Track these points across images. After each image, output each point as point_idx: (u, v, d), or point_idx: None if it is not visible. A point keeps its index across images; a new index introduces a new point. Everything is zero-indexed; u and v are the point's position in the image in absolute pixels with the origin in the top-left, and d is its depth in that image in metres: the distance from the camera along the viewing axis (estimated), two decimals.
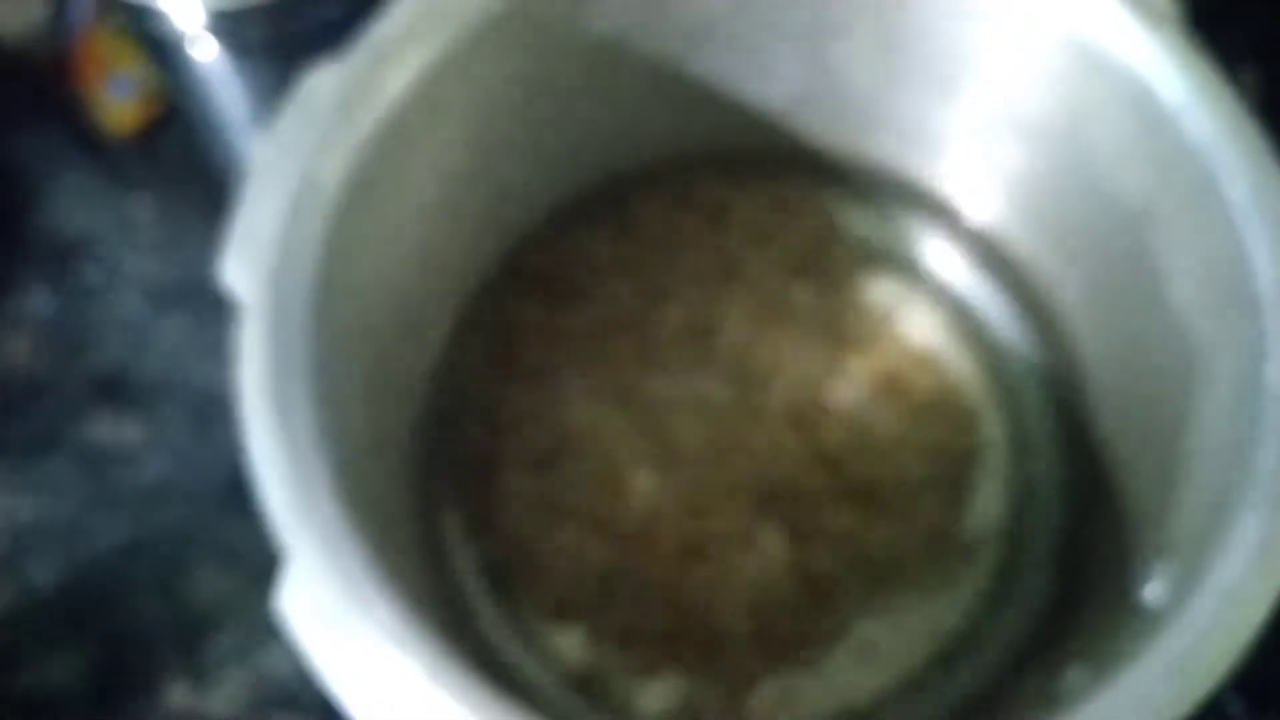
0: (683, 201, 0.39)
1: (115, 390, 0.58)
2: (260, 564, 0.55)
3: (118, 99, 0.59)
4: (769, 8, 0.31)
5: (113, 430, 0.57)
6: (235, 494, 0.56)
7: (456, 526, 0.35)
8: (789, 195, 0.39)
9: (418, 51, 0.27)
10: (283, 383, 0.23)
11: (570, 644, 0.34)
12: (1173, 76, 0.26)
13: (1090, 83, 0.28)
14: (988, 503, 0.35)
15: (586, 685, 0.33)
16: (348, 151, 0.26)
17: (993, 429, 0.36)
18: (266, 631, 0.51)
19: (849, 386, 0.37)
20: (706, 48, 0.33)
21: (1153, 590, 0.24)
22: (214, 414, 0.57)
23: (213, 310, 0.60)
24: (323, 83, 0.26)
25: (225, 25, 0.45)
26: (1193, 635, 0.21)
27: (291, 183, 0.25)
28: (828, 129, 0.36)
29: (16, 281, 0.60)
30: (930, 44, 0.31)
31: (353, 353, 0.27)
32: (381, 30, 0.27)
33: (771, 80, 0.34)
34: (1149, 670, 0.21)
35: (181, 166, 0.63)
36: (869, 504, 0.35)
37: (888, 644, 0.33)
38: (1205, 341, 0.26)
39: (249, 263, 0.24)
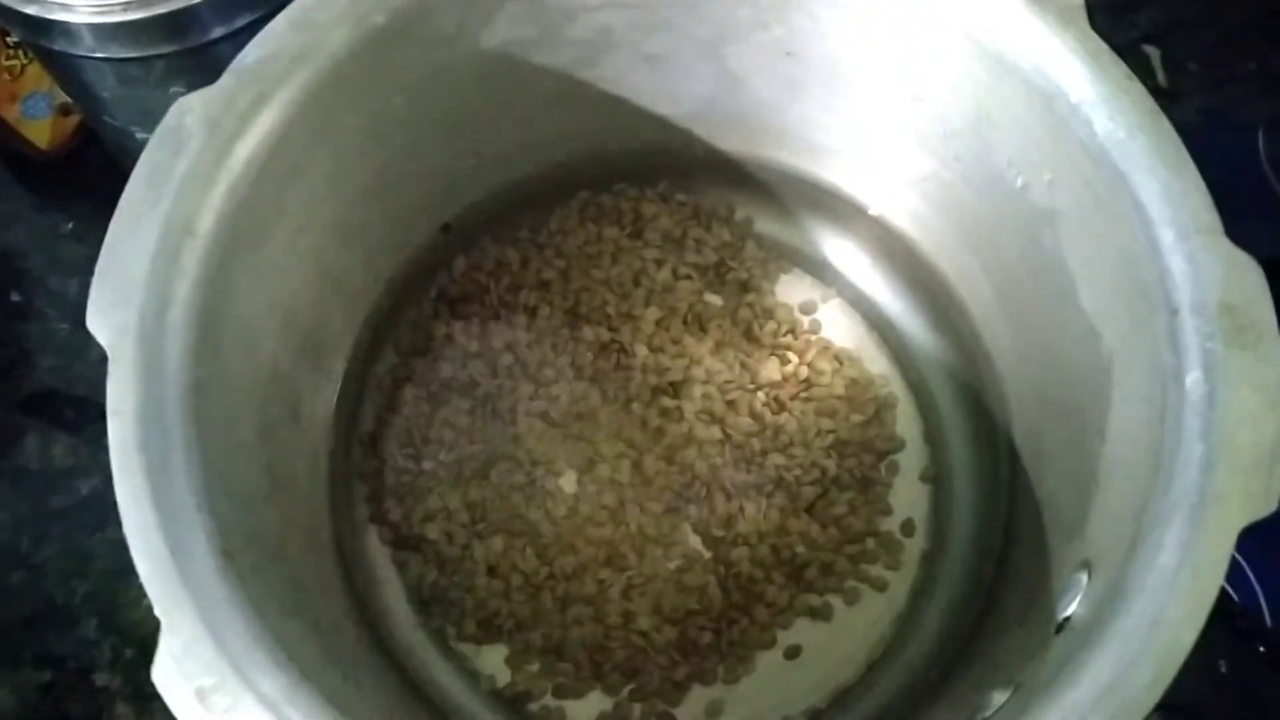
0: (600, 212, 0.36)
1: (44, 411, 0.53)
2: None
3: (32, 117, 0.55)
4: (668, 15, 0.28)
5: (42, 451, 0.53)
6: None
7: (379, 549, 0.32)
8: (702, 204, 0.36)
9: (296, 74, 0.23)
10: (155, 439, 0.20)
11: (495, 664, 0.31)
12: (1081, 74, 0.23)
13: (995, 83, 0.25)
14: (907, 500, 0.33)
15: (515, 706, 0.31)
16: (223, 184, 0.22)
17: (907, 426, 0.34)
18: None
19: (763, 386, 0.34)
20: (608, 57, 0.29)
21: (1075, 608, 0.22)
22: None
23: None
24: (192, 112, 0.22)
25: (122, 36, 0.41)
26: (1122, 662, 0.19)
27: (160, 220, 0.22)
28: (737, 135, 0.33)
29: None
30: (830, 47, 0.28)
31: (243, 392, 0.24)
32: (255, 53, 0.23)
33: (676, 88, 0.31)
34: (1078, 698, 0.19)
35: (103, 183, 0.58)
36: (789, 500, 0.33)
37: (816, 651, 0.31)
38: (1120, 346, 0.24)
39: (114, 308, 0.21)
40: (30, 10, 0.40)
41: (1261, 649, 0.20)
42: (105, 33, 0.41)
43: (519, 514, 0.32)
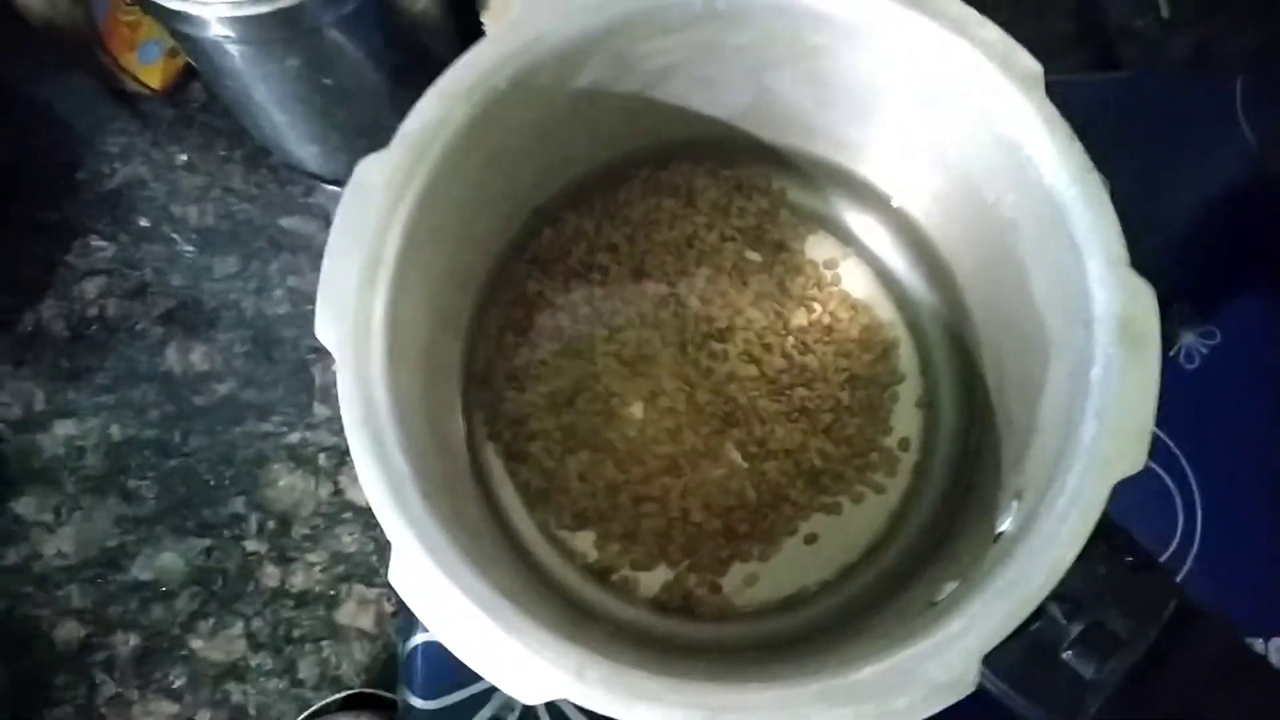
0: (659, 186, 0.44)
1: (180, 323, 0.63)
2: (323, 465, 0.62)
3: (147, 62, 0.62)
4: (719, 53, 0.35)
5: (182, 358, 0.63)
6: (295, 406, 0.63)
7: (497, 462, 0.42)
8: (744, 178, 0.44)
9: (442, 136, 0.32)
10: (372, 418, 0.29)
11: (586, 545, 0.41)
12: (1037, 133, 0.31)
13: (976, 129, 0.33)
14: (904, 422, 0.42)
15: (602, 576, 0.41)
16: (399, 224, 0.31)
17: (907, 363, 0.43)
18: (336, 520, 0.59)
19: (793, 331, 0.43)
20: (668, 83, 0.37)
21: (1008, 525, 0.31)
22: (268, 339, 0.64)
23: (254, 249, 0.65)
24: (372, 173, 0.31)
25: (245, 27, 0.48)
26: (1025, 568, 0.28)
27: (359, 257, 0.30)
28: (774, 131, 0.41)
29: (77, 230, 0.64)
30: (847, 83, 0.36)
31: (413, 367, 0.33)
32: (414, 123, 0.31)
33: (723, 100, 0.39)
34: (1000, 588, 0.28)
35: (208, 116, 0.66)
36: (810, 424, 0.42)
37: (828, 538, 0.41)
38: (1055, 336, 0.32)
39: (335, 325, 0.30)
40: (171, 5, 0.47)
41: (1129, 559, 0.30)
42: (231, 23, 0.48)
43: (599, 434, 0.42)
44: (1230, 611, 0.45)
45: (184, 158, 0.65)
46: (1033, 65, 0.31)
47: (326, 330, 0.30)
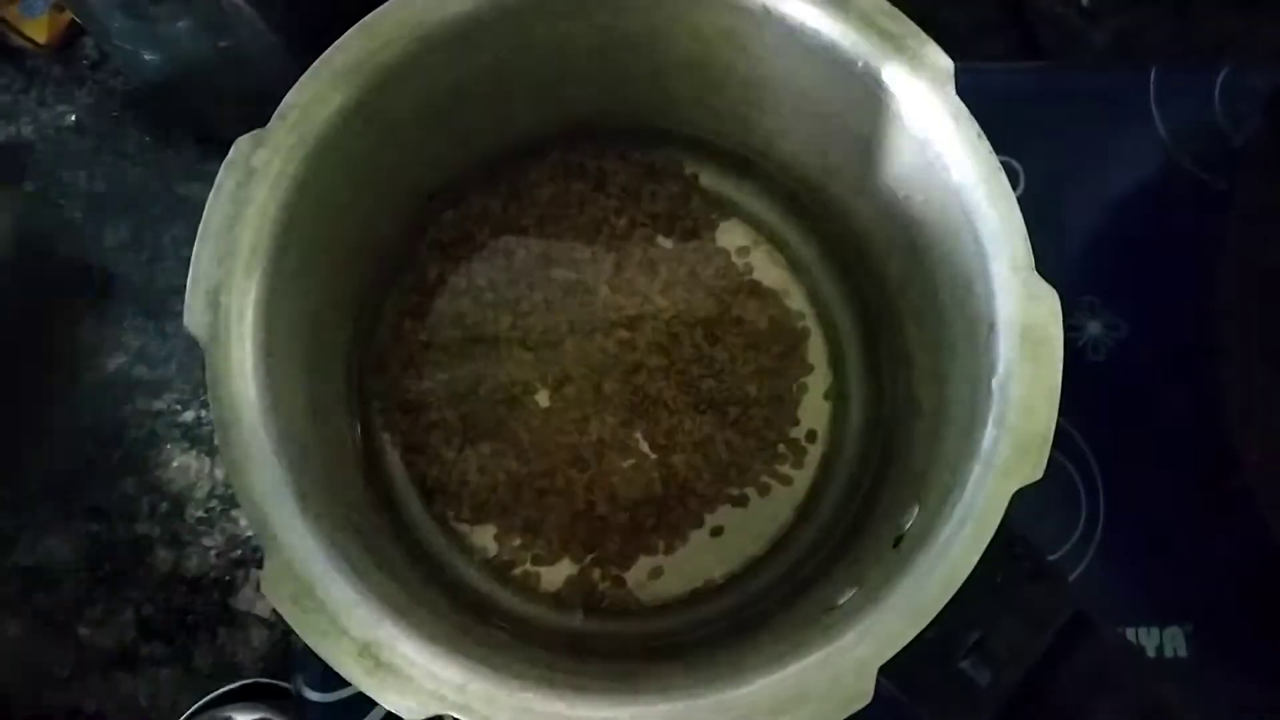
0: (568, 169, 0.42)
1: (68, 294, 0.60)
2: (218, 445, 0.59)
3: (30, 15, 0.58)
4: (623, 37, 0.34)
5: (70, 330, 0.59)
6: (189, 383, 0.60)
7: (392, 452, 0.40)
8: (656, 162, 0.42)
9: (325, 114, 0.30)
10: (244, 417, 0.27)
11: (485, 539, 0.40)
12: (945, 130, 0.30)
13: (885, 124, 0.32)
14: (812, 414, 0.42)
15: (501, 572, 0.40)
16: (276, 204, 0.29)
17: (817, 355, 0.42)
18: (232, 502, 0.57)
19: (702, 321, 0.42)
20: (570, 79, 0.36)
21: (908, 528, 0.31)
22: (161, 312, 0.60)
23: (148, 216, 0.62)
24: (251, 151, 0.29)
25: None
26: (923, 577, 0.27)
27: (233, 243, 0.28)
28: (685, 117, 0.39)
29: None
30: (757, 72, 0.34)
31: (293, 354, 0.31)
32: (291, 100, 0.29)
33: (632, 85, 0.37)
34: (897, 600, 0.28)
35: (100, 75, 0.62)
36: (718, 416, 0.41)
37: (734, 531, 0.40)
38: (959, 338, 0.31)
39: (204, 313, 0.28)
40: None
41: (1027, 565, 0.30)
42: None
43: (502, 424, 0.40)
44: (1127, 601, 0.46)
45: (73, 118, 0.61)
46: (943, 62, 0.30)
47: (197, 321, 0.28)
